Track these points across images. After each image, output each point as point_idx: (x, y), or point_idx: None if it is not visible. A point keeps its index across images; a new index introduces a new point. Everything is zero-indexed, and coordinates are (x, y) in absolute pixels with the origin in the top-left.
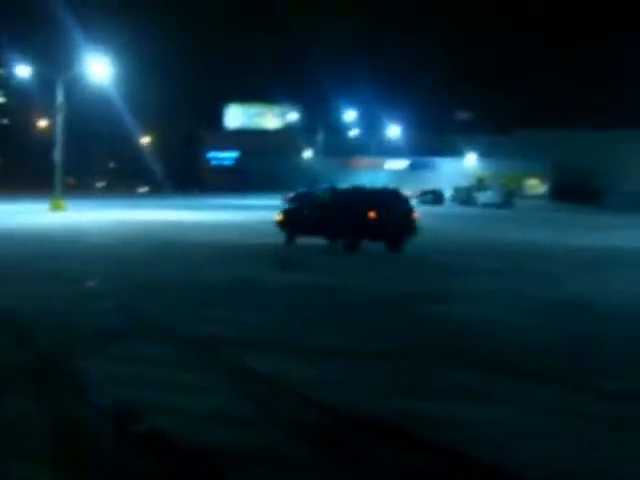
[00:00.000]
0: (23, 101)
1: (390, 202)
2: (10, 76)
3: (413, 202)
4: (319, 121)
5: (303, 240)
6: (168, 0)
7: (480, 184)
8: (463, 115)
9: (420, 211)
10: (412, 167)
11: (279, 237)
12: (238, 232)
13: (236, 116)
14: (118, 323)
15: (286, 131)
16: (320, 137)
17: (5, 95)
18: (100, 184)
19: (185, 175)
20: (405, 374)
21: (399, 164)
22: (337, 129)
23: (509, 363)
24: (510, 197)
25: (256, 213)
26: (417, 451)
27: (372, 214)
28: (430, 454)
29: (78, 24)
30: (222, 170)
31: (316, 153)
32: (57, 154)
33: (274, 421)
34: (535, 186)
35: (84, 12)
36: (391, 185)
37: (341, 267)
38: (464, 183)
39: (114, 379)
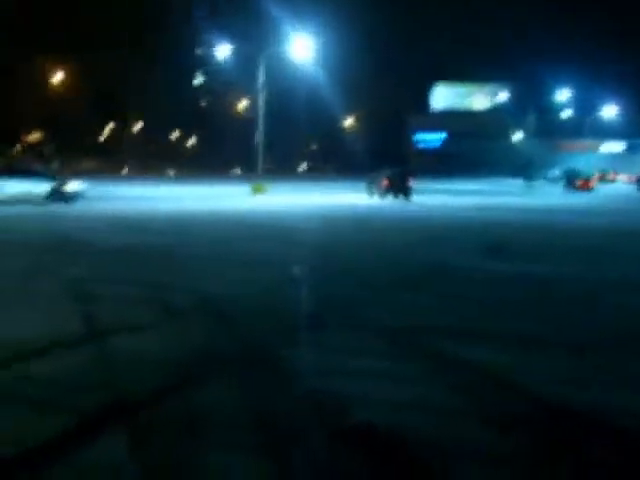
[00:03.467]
0: (223, 82)
1: None
2: (209, 56)
3: (631, 187)
4: (530, 101)
5: None
6: None
7: None
8: None
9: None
10: (630, 150)
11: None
12: (442, 219)
13: (443, 96)
14: (319, 311)
15: (495, 112)
16: (531, 118)
17: (204, 75)
18: (302, 167)
19: (391, 158)
20: (614, 366)
21: (615, 147)
22: (549, 109)
23: None
24: None
25: (464, 198)
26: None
27: None
28: None
29: (278, 4)
30: (428, 153)
31: (526, 135)
32: (259, 136)
33: (481, 413)
34: None
35: None
36: (607, 169)
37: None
38: None
39: (316, 369)
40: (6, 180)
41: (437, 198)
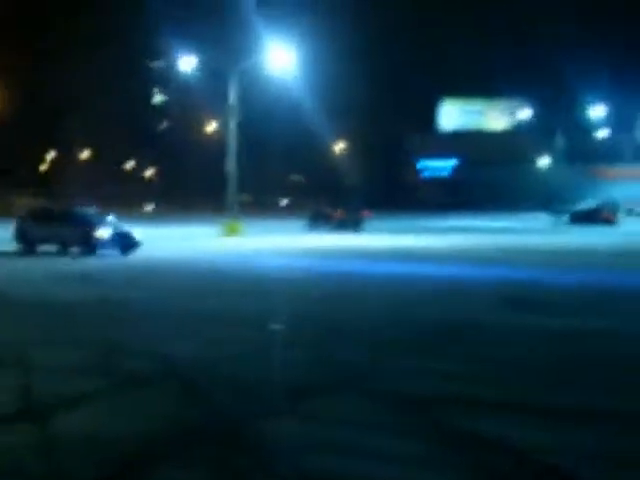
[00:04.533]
0: (187, 100)
1: None
2: (172, 70)
3: None
4: (558, 119)
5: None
6: None
7: None
8: None
9: None
10: None
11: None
12: (458, 260)
13: (452, 115)
14: (309, 374)
15: (515, 133)
16: (559, 140)
17: (165, 93)
18: (283, 202)
19: (391, 190)
20: None
21: None
22: (581, 129)
23: None
24: None
25: (480, 237)
26: None
27: None
28: None
29: (253, 6)
30: (436, 183)
31: (554, 160)
32: (230, 164)
33: None
34: None
35: None
36: None
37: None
38: None
39: (304, 444)
40: None
41: (447, 239)
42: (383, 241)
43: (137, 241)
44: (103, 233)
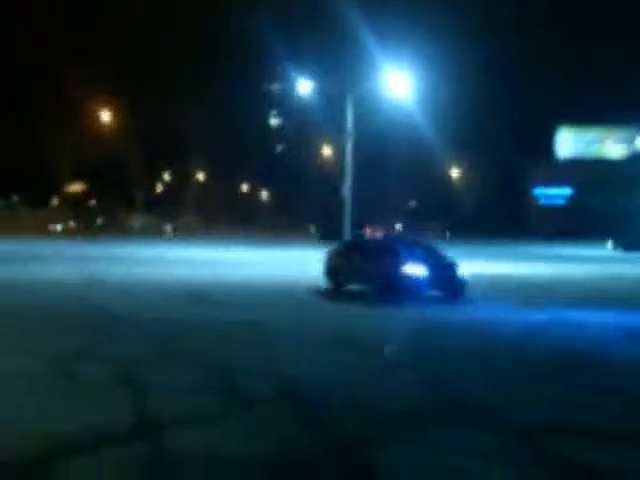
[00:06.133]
0: (303, 124)
1: None
2: (289, 94)
3: None
4: None
5: None
6: (483, 4)
7: None
8: None
9: None
10: None
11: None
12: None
13: (569, 143)
14: (424, 402)
15: (633, 160)
16: None
17: (282, 116)
18: (398, 225)
19: (507, 216)
20: None
21: None
22: None
23: None
24: None
25: (595, 267)
26: None
27: None
28: None
29: (371, 33)
30: (553, 210)
31: None
32: (346, 189)
33: None
34: None
35: (378, 19)
36: None
37: None
38: None
39: (419, 473)
40: None
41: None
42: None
43: (464, 279)
44: (417, 269)
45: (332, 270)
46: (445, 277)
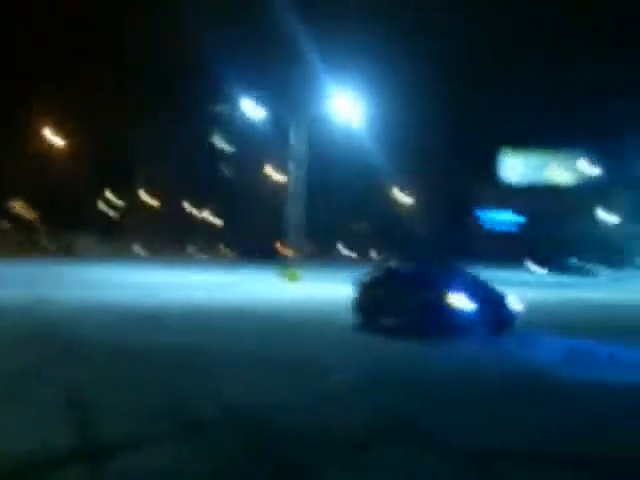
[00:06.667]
0: (253, 149)
1: None
2: (235, 115)
3: None
4: (620, 173)
5: None
6: (429, 31)
7: None
8: None
9: None
10: None
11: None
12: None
13: (514, 167)
14: (371, 426)
15: (579, 187)
16: (623, 194)
17: (231, 141)
18: (345, 251)
19: (453, 239)
20: None
21: None
22: None
23: None
24: None
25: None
26: None
27: None
28: None
29: (319, 57)
30: (498, 234)
31: (621, 217)
32: (290, 211)
33: None
34: None
35: (327, 44)
36: None
37: None
38: None
39: None
40: None
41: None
42: None
43: (513, 313)
44: (460, 301)
45: (361, 302)
46: (491, 310)
